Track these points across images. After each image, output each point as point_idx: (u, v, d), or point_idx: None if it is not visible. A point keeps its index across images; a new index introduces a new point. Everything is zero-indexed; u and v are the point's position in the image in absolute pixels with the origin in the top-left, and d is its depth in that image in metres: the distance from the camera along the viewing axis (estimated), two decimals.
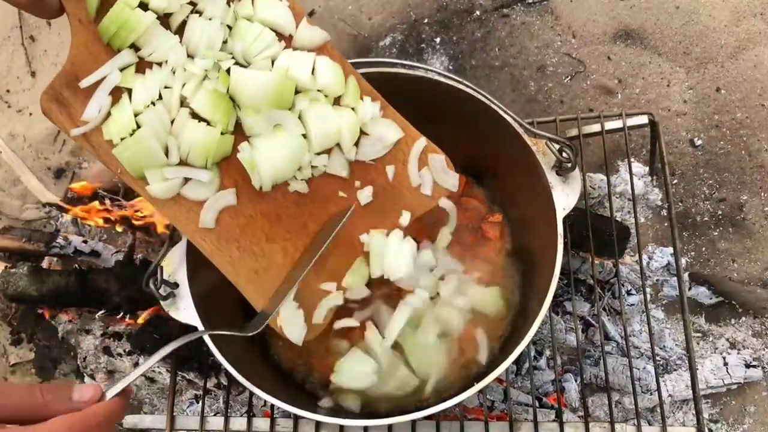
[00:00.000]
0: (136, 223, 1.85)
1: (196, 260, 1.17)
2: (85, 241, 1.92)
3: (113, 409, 0.78)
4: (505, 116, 1.21)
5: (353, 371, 1.28)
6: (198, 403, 1.74)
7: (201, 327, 1.12)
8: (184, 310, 1.14)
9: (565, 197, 1.16)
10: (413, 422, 1.34)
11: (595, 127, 1.59)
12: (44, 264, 1.92)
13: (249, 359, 1.27)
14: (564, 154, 1.15)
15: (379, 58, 1.51)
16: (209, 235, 1.10)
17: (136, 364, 1.76)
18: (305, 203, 1.17)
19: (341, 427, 1.33)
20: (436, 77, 1.25)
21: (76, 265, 1.86)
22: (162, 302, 1.13)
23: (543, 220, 1.22)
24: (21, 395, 0.74)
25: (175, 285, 1.14)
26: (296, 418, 1.35)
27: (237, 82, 1.06)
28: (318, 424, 1.34)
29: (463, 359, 1.34)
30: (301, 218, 1.17)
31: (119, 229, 1.92)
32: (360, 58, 1.26)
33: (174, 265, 1.16)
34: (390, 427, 1.33)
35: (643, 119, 1.57)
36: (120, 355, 1.76)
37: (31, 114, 2.18)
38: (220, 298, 1.27)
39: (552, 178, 1.17)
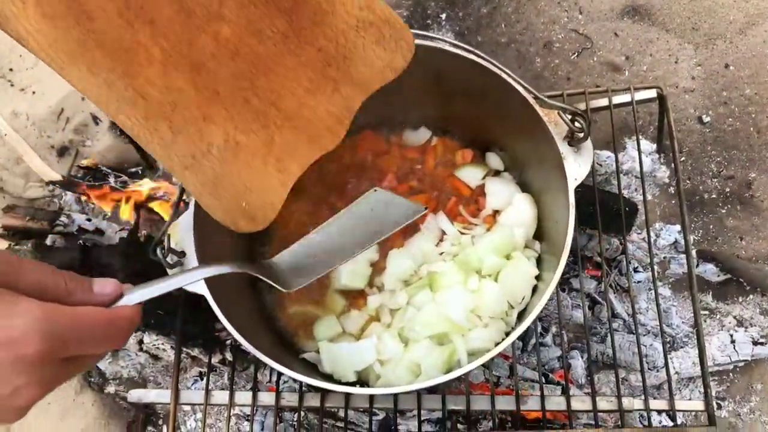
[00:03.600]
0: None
1: (203, 229, 1.16)
2: (89, 219, 1.91)
3: (135, 316, 0.76)
4: (517, 86, 1.19)
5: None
6: (202, 380, 1.74)
7: (209, 297, 1.11)
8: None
9: (577, 167, 1.15)
10: (419, 396, 1.33)
11: (603, 102, 1.57)
12: (48, 242, 1.91)
13: (254, 329, 1.26)
14: (576, 124, 1.13)
15: None
16: (135, 113, 0.97)
17: (140, 342, 1.75)
18: (246, 71, 1.04)
19: (347, 398, 1.33)
20: (447, 47, 1.24)
21: (80, 241, 1.85)
22: (169, 271, 1.12)
23: (553, 192, 1.21)
24: (44, 275, 0.70)
25: (183, 254, 1.13)
26: (301, 392, 1.35)
27: None
28: (324, 395, 1.33)
29: None
30: (241, 92, 1.05)
31: (125, 212, 1.90)
32: None
33: (181, 234, 1.15)
34: (396, 398, 1.32)
35: (652, 93, 1.56)
36: None
37: (34, 93, 2.16)
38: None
39: (564, 148, 1.16)
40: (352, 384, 1.25)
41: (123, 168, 2.01)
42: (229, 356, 1.66)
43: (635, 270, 1.77)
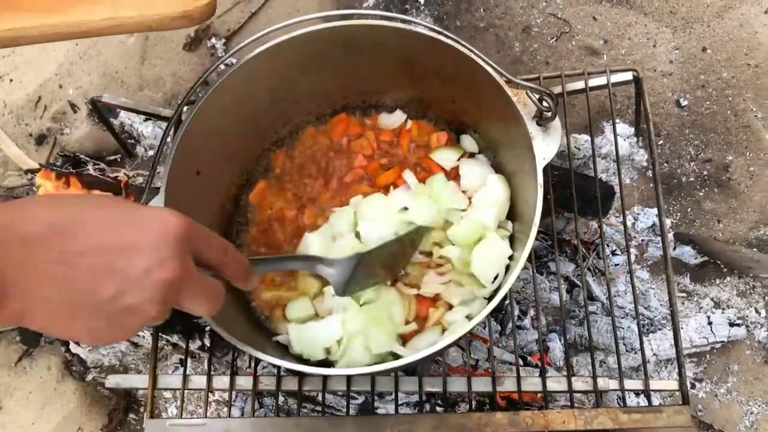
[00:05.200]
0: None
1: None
2: None
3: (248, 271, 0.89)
4: (486, 67, 1.20)
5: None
6: (182, 367, 1.74)
7: None
8: None
9: (545, 147, 1.16)
10: (396, 378, 1.34)
11: (580, 85, 1.57)
12: None
13: (229, 314, 1.26)
14: (544, 103, 1.14)
15: (362, 11, 1.48)
16: None
17: None
18: None
19: (324, 382, 1.33)
20: (418, 29, 1.24)
21: None
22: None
23: (525, 172, 1.22)
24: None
25: None
26: (279, 376, 1.35)
27: None
28: (301, 379, 1.33)
29: None
30: None
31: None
32: (344, 11, 1.24)
33: None
34: (374, 381, 1.33)
35: (628, 76, 1.56)
36: None
37: (11, 80, 2.15)
38: None
39: (532, 128, 1.17)
40: (323, 362, 1.26)
41: (101, 156, 2.00)
42: (207, 342, 1.66)
43: (613, 253, 1.78)
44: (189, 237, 0.71)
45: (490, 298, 1.29)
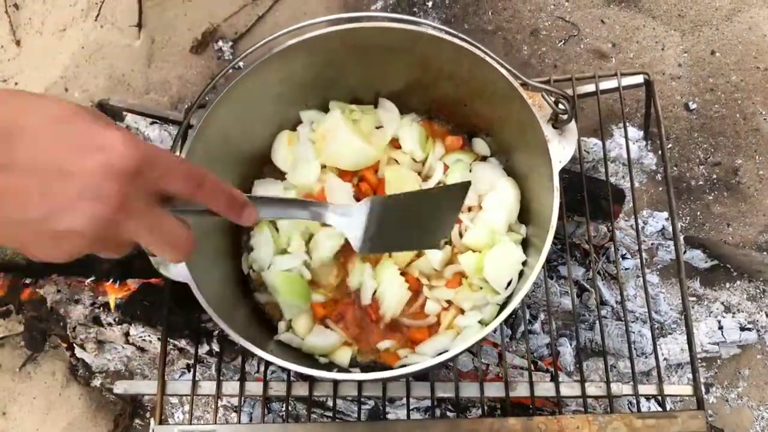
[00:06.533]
0: None
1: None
2: None
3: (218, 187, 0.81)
4: (501, 69, 1.19)
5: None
6: (189, 372, 1.73)
7: (192, 284, 1.10)
8: (174, 267, 1.11)
9: (561, 150, 1.15)
10: (408, 383, 1.33)
11: (590, 88, 1.57)
12: None
13: (235, 313, 1.25)
14: (560, 106, 1.13)
15: (370, 13, 1.48)
16: None
17: (126, 334, 1.74)
18: None
19: (335, 387, 1.32)
20: (431, 31, 1.23)
21: None
22: (151, 258, 1.11)
23: (539, 175, 1.21)
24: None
25: None
26: (289, 381, 1.34)
27: None
28: (312, 384, 1.32)
29: None
30: None
31: None
32: (353, 13, 1.23)
33: None
34: (385, 386, 1.32)
35: (638, 79, 1.55)
36: (110, 324, 1.74)
37: (16, 83, 2.14)
38: (213, 255, 1.26)
39: (548, 131, 1.15)
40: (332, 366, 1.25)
41: None
42: (216, 347, 1.64)
43: (623, 257, 1.77)
44: (139, 171, 0.66)
45: (503, 304, 1.29)
